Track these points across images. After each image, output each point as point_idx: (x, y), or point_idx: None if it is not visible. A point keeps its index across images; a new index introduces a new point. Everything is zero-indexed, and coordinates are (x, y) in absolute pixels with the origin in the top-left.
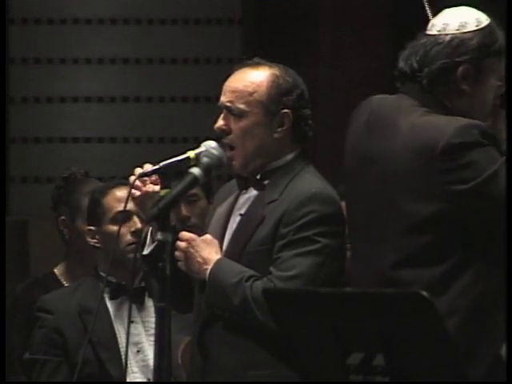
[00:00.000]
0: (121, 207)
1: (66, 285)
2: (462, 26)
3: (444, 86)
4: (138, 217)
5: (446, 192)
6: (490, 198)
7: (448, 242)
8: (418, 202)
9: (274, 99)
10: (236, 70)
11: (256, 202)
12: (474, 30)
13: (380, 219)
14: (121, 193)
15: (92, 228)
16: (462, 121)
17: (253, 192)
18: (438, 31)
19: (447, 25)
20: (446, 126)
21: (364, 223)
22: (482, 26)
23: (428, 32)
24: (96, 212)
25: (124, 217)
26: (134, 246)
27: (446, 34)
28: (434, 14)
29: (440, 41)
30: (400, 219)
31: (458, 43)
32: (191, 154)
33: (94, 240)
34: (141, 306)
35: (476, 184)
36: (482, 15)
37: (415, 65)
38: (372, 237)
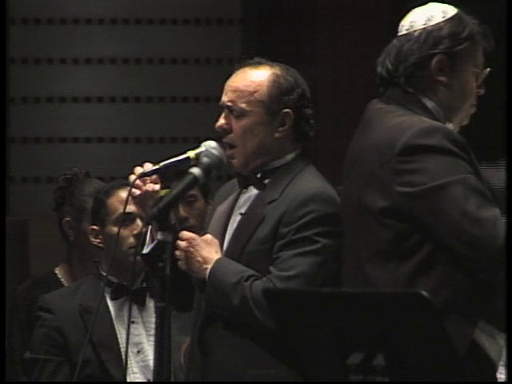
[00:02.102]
0: (126, 209)
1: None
2: (429, 19)
3: (421, 82)
4: (141, 219)
5: (396, 191)
6: (433, 207)
7: (409, 241)
8: (376, 196)
9: (275, 99)
10: (237, 69)
11: (256, 202)
12: (442, 21)
13: (356, 216)
14: (125, 194)
15: (96, 228)
16: (428, 123)
17: (253, 191)
18: (407, 30)
19: (414, 22)
20: (409, 127)
21: (347, 220)
22: (449, 16)
23: (398, 34)
24: (100, 212)
25: (126, 219)
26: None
27: (415, 31)
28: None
29: (409, 37)
30: (364, 214)
31: (427, 36)
32: (191, 153)
33: (98, 240)
34: (142, 306)
35: (422, 190)
36: (448, 7)
37: (390, 66)
38: (352, 233)
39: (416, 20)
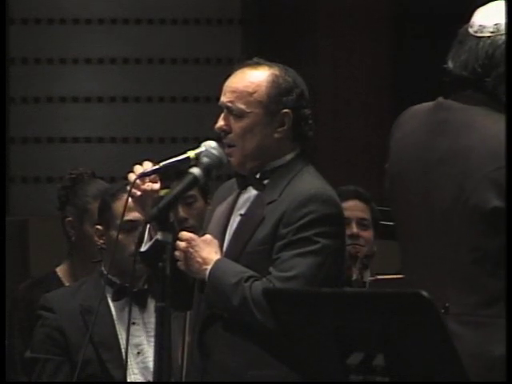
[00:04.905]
0: (130, 216)
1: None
2: None
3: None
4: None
5: None
6: None
7: None
8: (491, 196)
9: (274, 99)
10: (236, 69)
11: (256, 202)
12: None
13: (450, 216)
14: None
15: (100, 228)
16: None
17: (252, 192)
18: (492, 32)
19: (500, 25)
20: None
21: (426, 220)
22: None
23: (479, 34)
24: (105, 215)
25: (129, 226)
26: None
27: (502, 34)
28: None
29: (500, 42)
30: (472, 215)
31: None
32: (191, 153)
33: (101, 240)
34: (143, 308)
35: None
36: None
37: (479, 70)
38: (438, 232)
39: (501, 23)
